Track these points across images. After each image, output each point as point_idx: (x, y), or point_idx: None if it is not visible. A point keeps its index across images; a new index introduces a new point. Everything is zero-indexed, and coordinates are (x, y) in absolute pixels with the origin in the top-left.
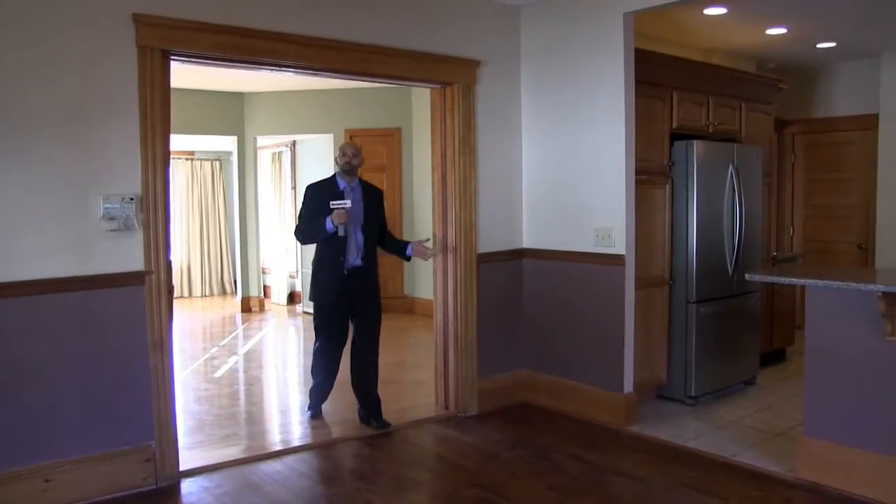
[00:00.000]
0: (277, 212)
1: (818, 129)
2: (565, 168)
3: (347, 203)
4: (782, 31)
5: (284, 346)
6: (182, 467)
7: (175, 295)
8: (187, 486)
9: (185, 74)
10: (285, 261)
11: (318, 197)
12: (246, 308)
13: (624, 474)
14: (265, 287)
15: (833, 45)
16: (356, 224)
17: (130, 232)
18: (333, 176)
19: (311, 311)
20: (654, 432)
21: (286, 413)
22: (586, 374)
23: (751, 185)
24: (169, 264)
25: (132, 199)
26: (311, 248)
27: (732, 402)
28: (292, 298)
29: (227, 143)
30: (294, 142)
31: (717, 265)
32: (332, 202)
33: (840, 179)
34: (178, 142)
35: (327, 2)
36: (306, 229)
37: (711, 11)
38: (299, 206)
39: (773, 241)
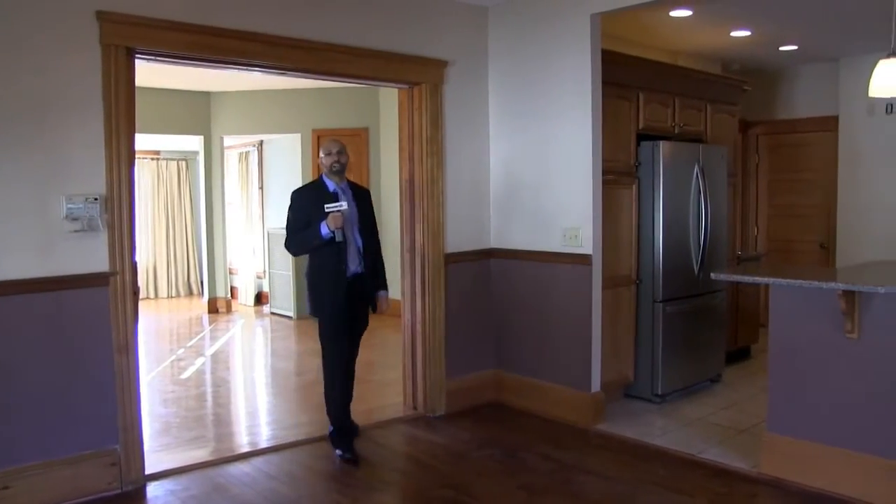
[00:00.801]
0: (245, 212)
1: (781, 130)
2: (533, 168)
3: (343, 205)
4: (746, 33)
5: (252, 348)
6: (148, 471)
7: (141, 296)
8: (153, 490)
9: (150, 73)
10: (252, 261)
11: (307, 202)
12: (213, 309)
13: (592, 472)
14: (232, 288)
15: (795, 48)
16: (353, 227)
17: (95, 232)
18: (319, 178)
19: (277, 310)
20: (621, 430)
21: (254, 415)
22: (554, 373)
23: (716, 185)
24: (134, 265)
25: (96, 199)
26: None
27: (699, 399)
28: (259, 299)
29: (194, 143)
30: (261, 141)
31: (684, 264)
32: (326, 205)
33: (802, 180)
34: (143, 141)
35: (296, 1)
36: (299, 238)
37: (677, 13)
38: (267, 206)
39: (737, 241)
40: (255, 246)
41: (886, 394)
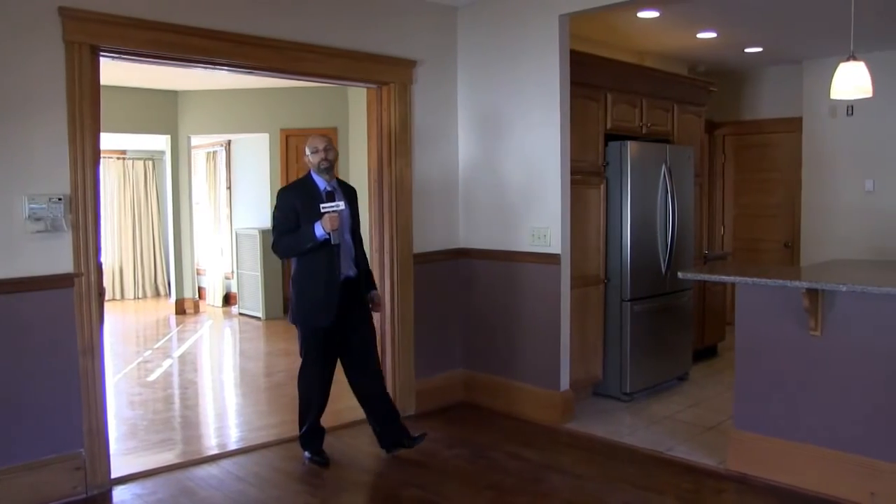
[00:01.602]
0: (212, 212)
1: (747, 130)
2: (501, 168)
3: (341, 204)
4: (712, 35)
5: (220, 349)
6: (114, 474)
7: (107, 297)
8: (119, 494)
9: (116, 71)
10: (220, 262)
11: (295, 202)
12: (180, 310)
13: (561, 471)
14: (200, 289)
15: (760, 50)
16: (345, 229)
17: (59, 233)
18: (307, 176)
19: (245, 311)
20: (590, 429)
21: (222, 416)
22: (523, 372)
23: (683, 184)
24: (100, 266)
25: (60, 199)
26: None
27: (666, 397)
28: (228, 300)
29: (161, 143)
30: (229, 141)
31: (651, 264)
32: (322, 205)
33: (767, 179)
34: (109, 141)
35: (263, 0)
36: (289, 241)
37: (644, 15)
38: (235, 206)
39: (704, 240)
40: (223, 246)
41: (848, 390)
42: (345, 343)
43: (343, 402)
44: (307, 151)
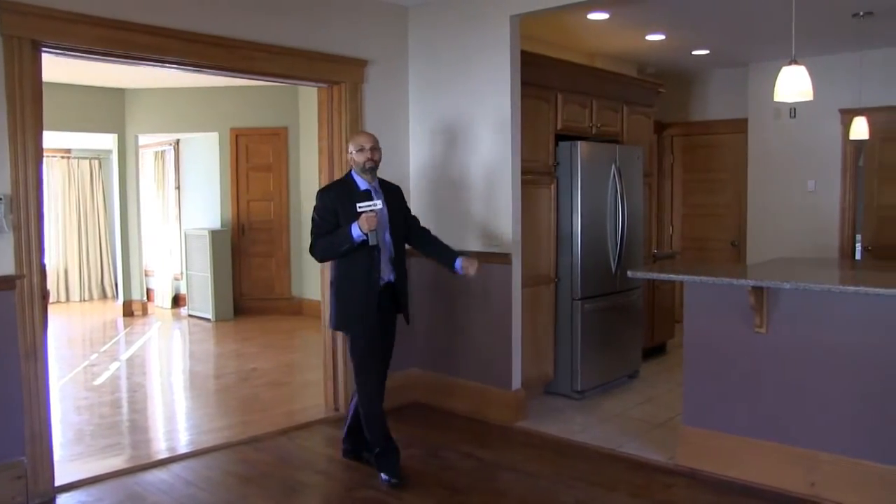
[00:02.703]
0: (161, 212)
1: (694, 131)
2: (453, 168)
3: (378, 204)
4: (661, 37)
5: (169, 351)
6: (58, 482)
7: (51, 300)
8: (63, 502)
9: (59, 68)
10: (169, 263)
11: (334, 202)
12: (128, 312)
13: (514, 469)
14: (148, 290)
15: (707, 52)
16: (385, 231)
17: None
18: (348, 175)
19: (195, 313)
20: (542, 427)
21: (172, 419)
22: (475, 371)
23: (632, 184)
24: (43, 268)
25: (0, 199)
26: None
27: (617, 395)
28: (177, 301)
29: (107, 141)
30: (178, 140)
31: (601, 263)
32: (359, 204)
33: (715, 180)
34: (53, 139)
35: None
36: (326, 243)
37: (594, 16)
38: (184, 206)
39: (653, 239)
40: (171, 247)
41: (791, 384)
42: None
43: (296, 404)
44: (351, 149)
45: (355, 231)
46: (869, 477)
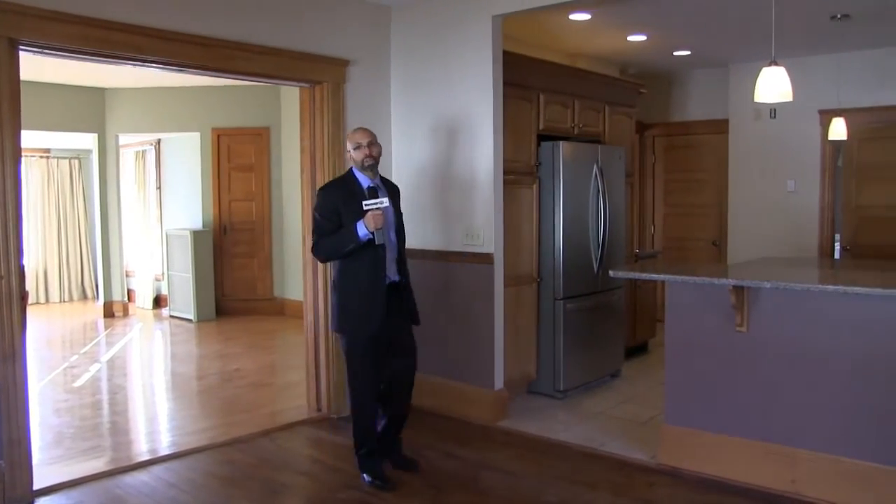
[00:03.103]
0: (142, 213)
1: (676, 131)
2: (435, 167)
3: (385, 201)
4: (642, 38)
5: (151, 352)
6: (37, 485)
7: (30, 301)
8: None
9: (38, 66)
10: (150, 263)
11: (337, 200)
12: (109, 313)
13: (496, 469)
14: (129, 291)
15: (688, 53)
16: (390, 229)
17: None
18: (349, 173)
19: (176, 313)
20: (524, 427)
21: (153, 421)
22: (458, 371)
23: (614, 184)
24: (22, 269)
25: None
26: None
27: (599, 394)
28: (158, 302)
29: (87, 141)
30: (159, 140)
31: (583, 262)
32: (365, 202)
33: (696, 180)
34: (31, 139)
35: None
36: (330, 242)
37: (576, 17)
38: (165, 206)
39: (635, 239)
40: (152, 247)
41: (771, 383)
42: (389, 350)
43: (278, 405)
44: (349, 147)
45: (361, 230)
46: (848, 473)
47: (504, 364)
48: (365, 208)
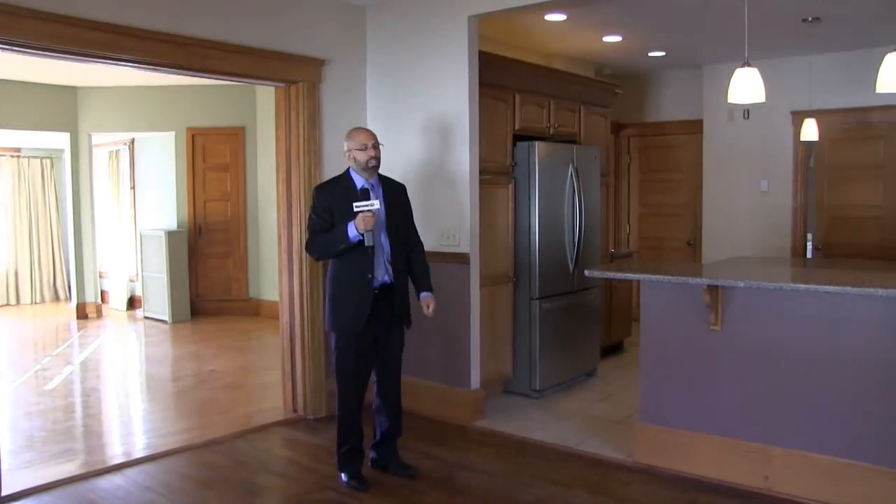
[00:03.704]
0: (115, 213)
1: (650, 132)
2: (410, 168)
3: (375, 203)
4: (618, 38)
5: (125, 354)
6: (7, 491)
7: (0, 303)
8: None
9: (8, 64)
10: (124, 264)
11: (332, 200)
12: (82, 315)
13: (472, 468)
14: (103, 292)
15: (663, 54)
16: (381, 230)
17: None
18: (346, 172)
19: (151, 314)
20: (500, 426)
21: (128, 423)
22: (434, 371)
23: (589, 184)
24: None
25: None
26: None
27: (575, 393)
28: (132, 303)
29: (59, 140)
30: (133, 140)
31: (559, 262)
32: (355, 204)
33: (671, 180)
34: (1, 138)
35: None
36: (322, 241)
37: (552, 17)
38: (139, 206)
39: (610, 239)
40: (127, 248)
41: (745, 381)
42: (377, 350)
43: (254, 406)
44: (353, 147)
45: (351, 231)
46: (819, 470)
47: (480, 364)
48: (355, 209)
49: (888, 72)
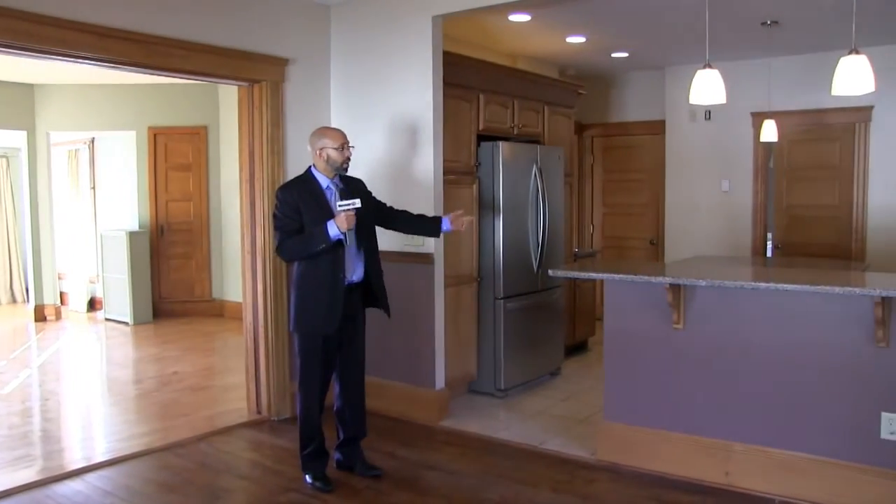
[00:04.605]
0: (75, 213)
1: (614, 132)
2: (374, 167)
3: (357, 202)
4: (581, 39)
5: (85, 356)
6: None
7: None
8: None
9: None
10: (84, 265)
11: (299, 200)
12: (40, 317)
13: (437, 468)
14: (62, 294)
15: (626, 55)
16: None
17: None
18: (307, 173)
19: (112, 316)
20: (466, 426)
21: (88, 427)
22: (398, 372)
23: (553, 184)
24: None
25: None
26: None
27: (540, 392)
28: (93, 305)
29: (16, 139)
30: (93, 139)
31: (523, 262)
32: (339, 203)
33: (633, 180)
34: None
35: None
36: (299, 242)
37: (516, 18)
38: (100, 207)
39: (574, 238)
40: (86, 249)
41: (706, 379)
42: (340, 351)
43: (217, 408)
44: (329, 145)
45: (332, 230)
46: (777, 464)
47: (445, 364)
48: (339, 208)
49: (843, 75)
